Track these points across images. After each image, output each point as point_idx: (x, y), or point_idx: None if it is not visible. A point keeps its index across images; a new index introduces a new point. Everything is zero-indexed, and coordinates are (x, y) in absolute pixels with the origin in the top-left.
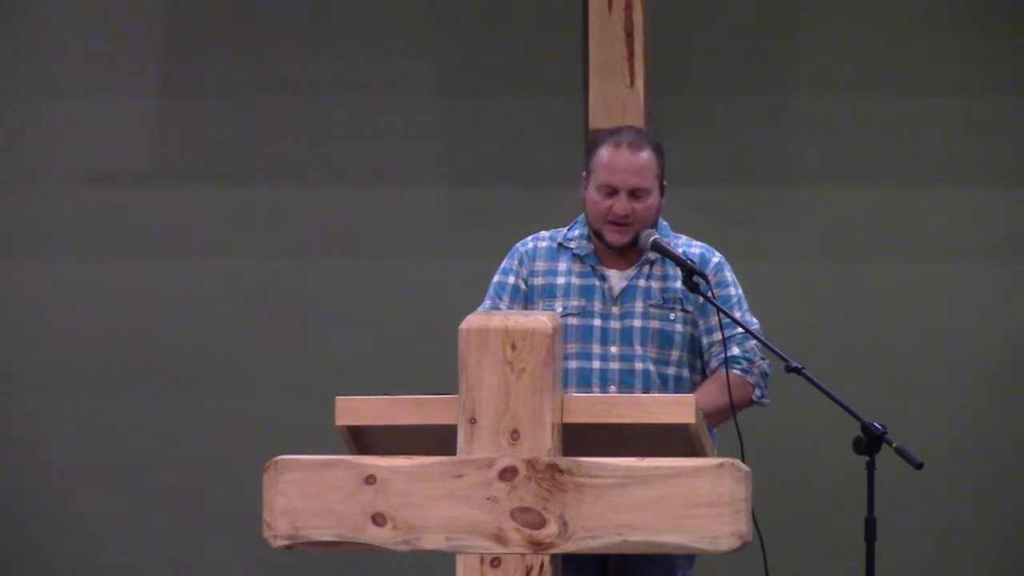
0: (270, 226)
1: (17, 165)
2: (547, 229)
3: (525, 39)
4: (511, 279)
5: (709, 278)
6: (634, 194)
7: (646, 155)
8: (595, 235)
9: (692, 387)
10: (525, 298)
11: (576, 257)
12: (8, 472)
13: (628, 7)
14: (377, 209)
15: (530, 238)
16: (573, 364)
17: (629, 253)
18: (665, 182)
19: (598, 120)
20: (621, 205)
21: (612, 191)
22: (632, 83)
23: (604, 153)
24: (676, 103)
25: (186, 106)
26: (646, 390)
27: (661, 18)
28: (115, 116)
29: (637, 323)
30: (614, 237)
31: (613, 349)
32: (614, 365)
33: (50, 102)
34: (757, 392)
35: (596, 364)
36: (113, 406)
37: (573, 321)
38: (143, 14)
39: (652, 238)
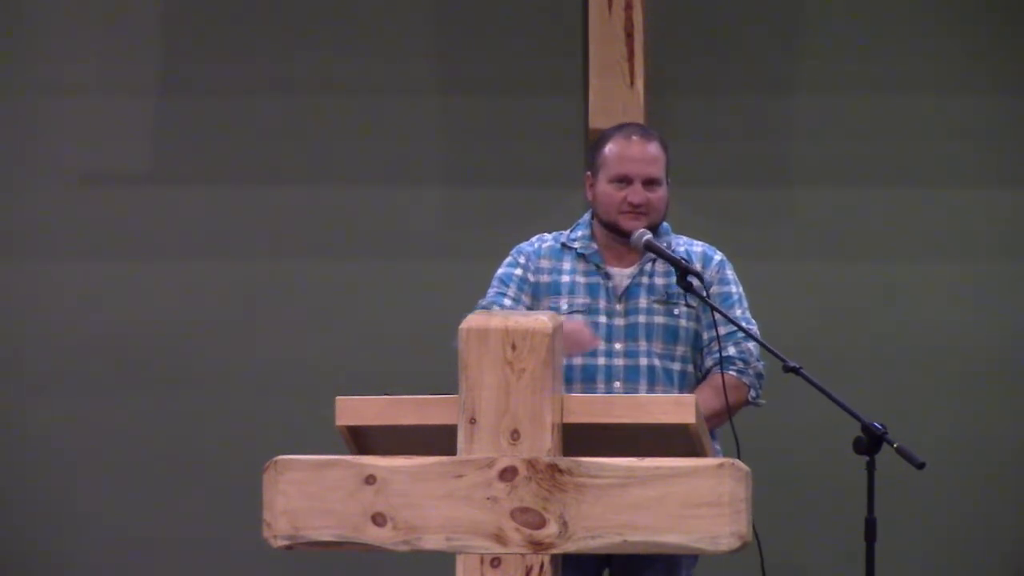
0: (270, 226)
1: (17, 165)
2: (547, 230)
3: (525, 39)
4: (518, 271)
5: (711, 275)
6: (648, 183)
7: (656, 146)
8: (607, 228)
9: (697, 382)
10: (533, 292)
11: (580, 256)
12: (8, 472)
13: (628, 7)
14: (377, 209)
15: (534, 238)
16: (578, 360)
17: (631, 251)
18: (669, 179)
19: (598, 120)
20: (637, 194)
21: (626, 181)
22: (632, 83)
23: (614, 146)
24: (676, 103)
25: (186, 106)
26: (651, 386)
27: (661, 18)
28: (115, 116)
29: (642, 319)
30: (631, 224)
31: (618, 346)
32: (619, 361)
33: (50, 102)
34: (752, 393)
35: (601, 360)
36: (113, 406)
37: (578, 319)
38: (143, 14)
39: (645, 238)
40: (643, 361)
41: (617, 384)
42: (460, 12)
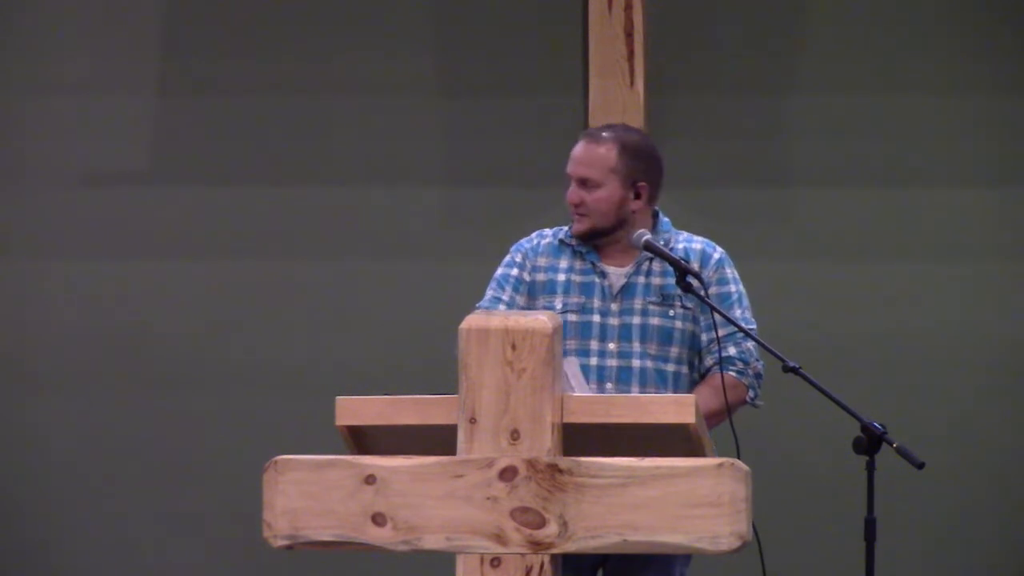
0: (270, 226)
1: (17, 165)
2: (548, 228)
3: (525, 39)
4: (515, 271)
5: (710, 274)
6: (583, 184)
7: (604, 148)
8: None
9: (691, 384)
10: (529, 291)
11: (577, 254)
12: (8, 472)
13: (628, 7)
14: (377, 209)
15: (534, 234)
16: None
17: (629, 250)
18: (643, 183)
19: (598, 120)
20: (571, 193)
21: (569, 180)
22: (632, 83)
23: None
24: (676, 103)
25: (186, 106)
26: (643, 387)
27: (661, 18)
28: (115, 116)
29: (636, 320)
30: (575, 225)
31: (611, 346)
32: (611, 362)
33: (50, 102)
34: (751, 394)
35: (594, 361)
36: (113, 406)
37: (572, 318)
38: (143, 14)
39: (644, 238)
40: (635, 363)
41: (609, 385)
42: (460, 12)
